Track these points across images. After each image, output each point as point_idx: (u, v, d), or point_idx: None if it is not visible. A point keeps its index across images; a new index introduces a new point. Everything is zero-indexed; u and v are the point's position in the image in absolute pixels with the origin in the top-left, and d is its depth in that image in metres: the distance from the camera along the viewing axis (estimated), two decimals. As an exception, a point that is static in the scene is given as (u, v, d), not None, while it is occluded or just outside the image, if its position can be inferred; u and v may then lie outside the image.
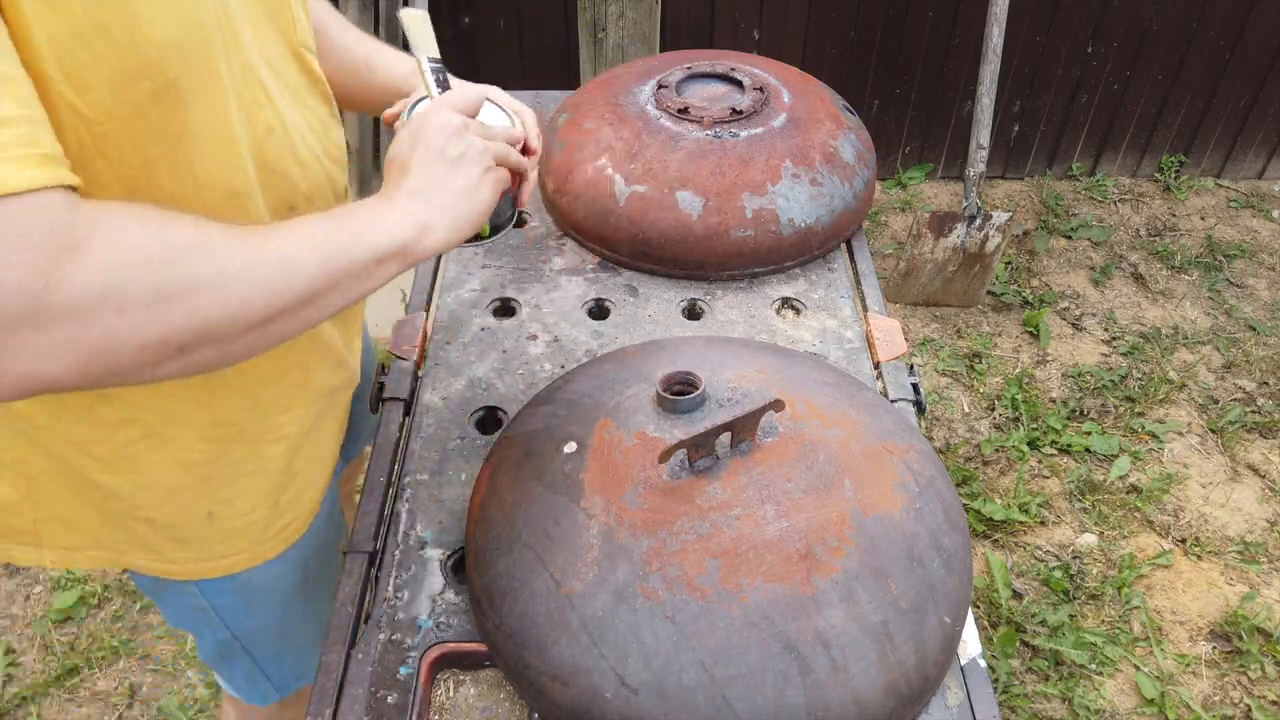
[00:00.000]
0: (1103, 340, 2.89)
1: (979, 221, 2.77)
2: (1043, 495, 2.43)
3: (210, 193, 0.80)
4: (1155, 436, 2.59)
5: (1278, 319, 2.98)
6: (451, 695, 0.92)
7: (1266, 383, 2.77)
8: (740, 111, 1.37)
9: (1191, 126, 3.41)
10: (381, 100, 1.12)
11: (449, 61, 0.99)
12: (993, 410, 2.66)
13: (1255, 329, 2.94)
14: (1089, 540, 2.34)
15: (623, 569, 0.84)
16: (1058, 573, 2.24)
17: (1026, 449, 2.54)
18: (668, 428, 0.91)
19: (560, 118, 1.47)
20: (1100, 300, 3.03)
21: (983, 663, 0.93)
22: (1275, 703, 2.04)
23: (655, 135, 1.36)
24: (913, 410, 1.18)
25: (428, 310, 1.31)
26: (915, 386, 1.21)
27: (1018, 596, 2.22)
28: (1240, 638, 2.13)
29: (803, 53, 3.17)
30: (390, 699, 0.89)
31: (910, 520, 0.89)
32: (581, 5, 2.77)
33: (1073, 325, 2.94)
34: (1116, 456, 2.52)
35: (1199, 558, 2.31)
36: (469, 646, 0.93)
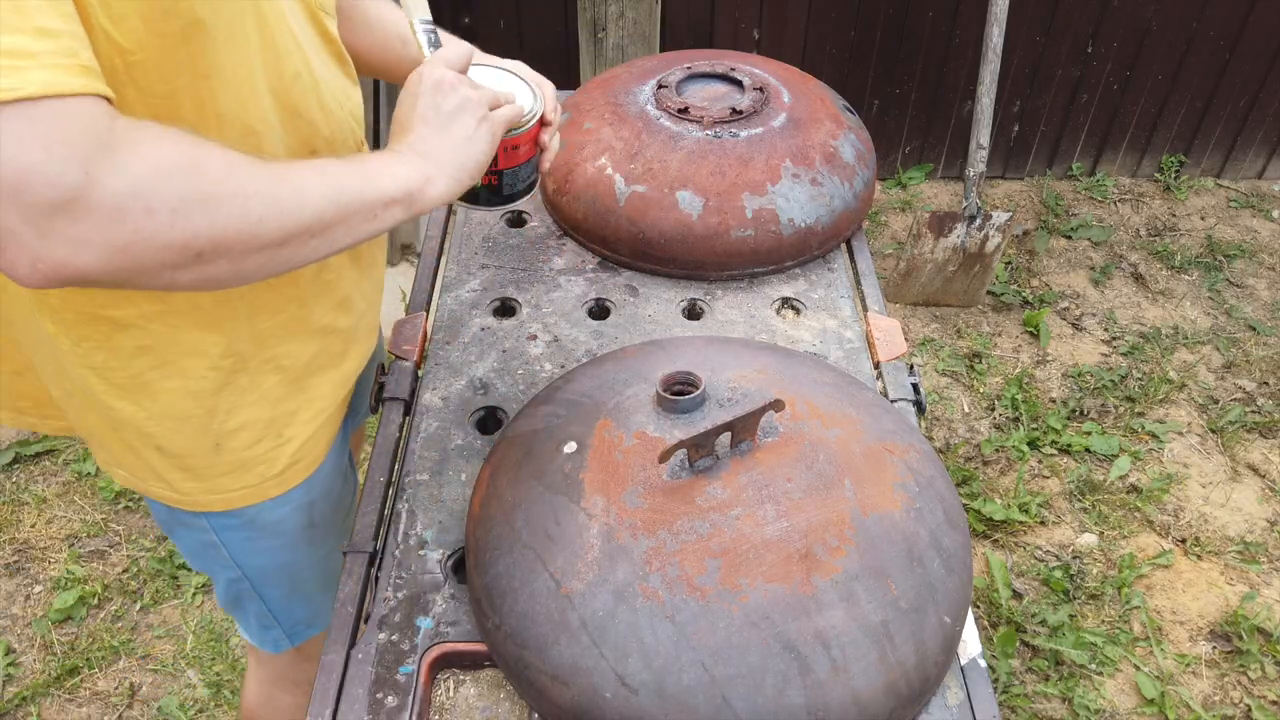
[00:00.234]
0: (1103, 340, 2.89)
1: (979, 221, 2.77)
2: (1043, 495, 2.43)
3: (229, 127, 0.87)
4: (1155, 436, 2.59)
5: (1278, 319, 2.98)
6: (451, 695, 0.92)
7: (1266, 383, 2.77)
8: (740, 111, 1.37)
9: (1191, 126, 3.41)
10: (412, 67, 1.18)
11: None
12: (993, 410, 2.67)
13: (1255, 329, 2.94)
14: (1089, 540, 2.34)
15: (623, 569, 0.84)
16: (1058, 573, 2.24)
17: (1026, 449, 2.54)
18: (668, 428, 0.91)
19: (560, 117, 1.47)
20: (1100, 300, 3.03)
21: (983, 663, 0.93)
22: (1275, 703, 2.04)
23: (655, 135, 1.36)
24: (913, 410, 1.18)
25: (428, 310, 1.31)
26: (915, 386, 1.21)
27: (1018, 596, 2.22)
28: (1240, 638, 2.13)
29: (803, 53, 3.17)
30: (390, 699, 0.89)
31: (910, 520, 0.89)
32: (581, 5, 2.77)
33: (1073, 325, 2.94)
34: (1116, 456, 2.52)
35: (1199, 558, 2.31)
36: (469, 646, 0.93)
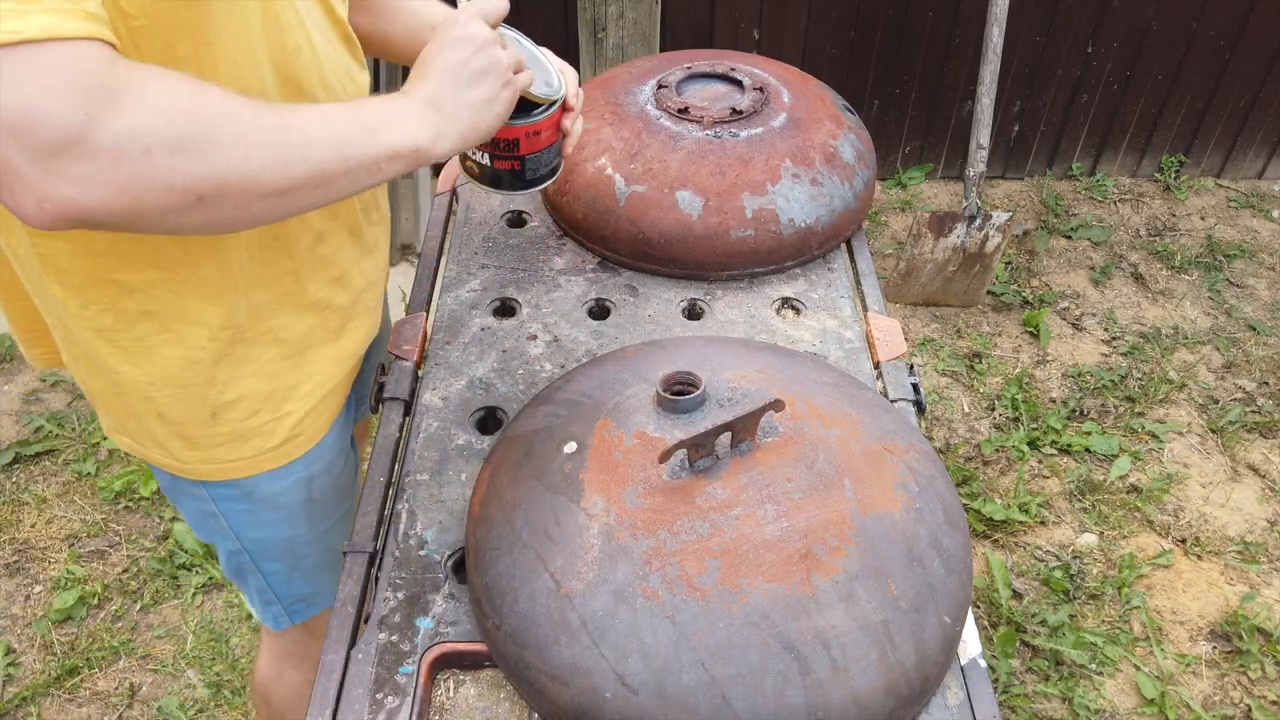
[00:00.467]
0: (1103, 340, 2.90)
1: (979, 221, 2.77)
2: (1043, 495, 2.43)
3: None
4: (1155, 436, 2.59)
5: (1278, 319, 2.98)
6: (451, 695, 0.92)
7: (1266, 383, 2.77)
8: (740, 111, 1.37)
9: (1191, 126, 3.41)
10: None
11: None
12: (993, 410, 2.67)
13: (1255, 329, 2.94)
14: (1089, 540, 2.35)
15: (623, 569, 0.84)
16: (1058, 573, 2.24)
17: (1026, 449, 2.54)
18: (668, 428, 0.91)
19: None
20: (1100, 300, 3.03)
21: (983, 663, 0.93)
22: (1275, 703, 2.04)
23: (655, 135, 1.36)
24: (913, 410, 1.18)
25: (428, 310, 1.31)
26: (915, 386, 1.21)
27: (1018, 596, 2.22)
28: (1240, 638, 2.13)
29: (803, 53, 3.17)
30: (390, 699, 0.89)
31: (910, 520, 0.89)
32: (581, 5, 2.77)
33: (1073, 325, 2.94)
34: (1116, 456, 2.52)
35: (1199, 558, 2.31)
36: (469, 646, 0.93)
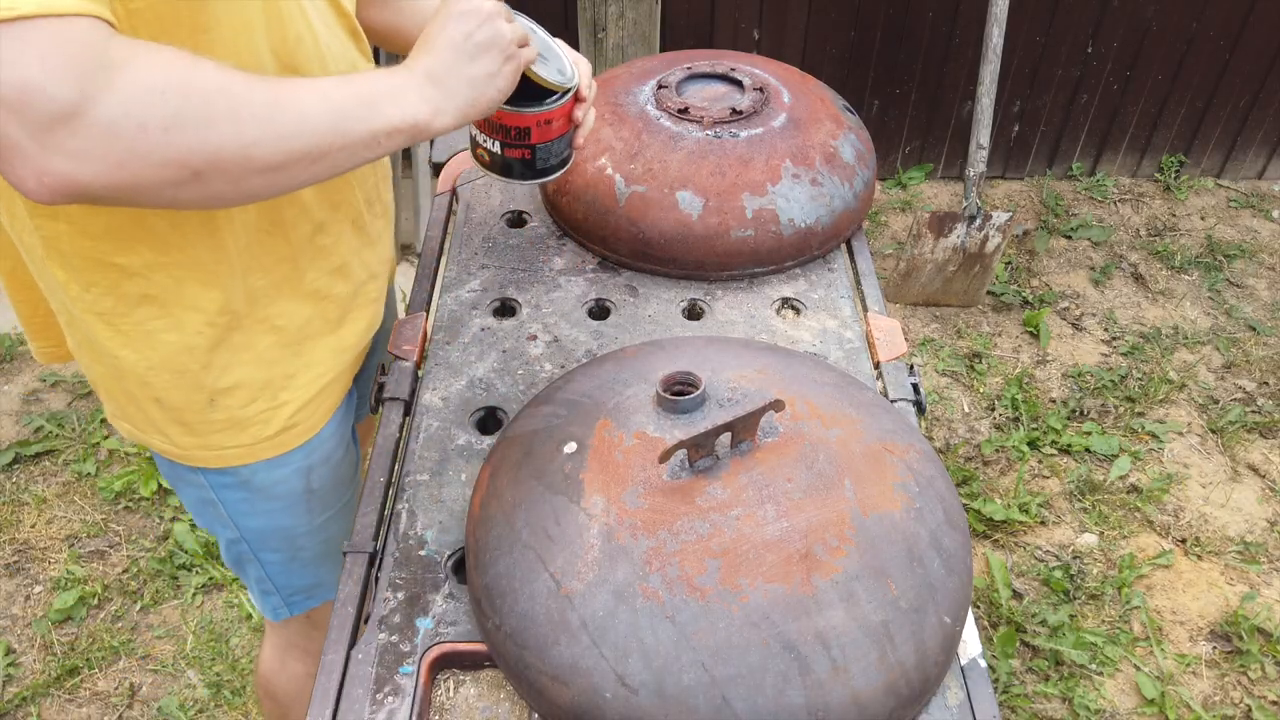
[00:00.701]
0: (1103, 340, 2.90)
1: (979, 221, 2.77)
2: (1043, 495, 2.43)
3: None
4: (1155, 436, 2.59)
5: (1278, 319, 2.98)
6: (452, 695, 0.92)
7: (1266, 383, 2.77)
8: (740, 111, 1.37)
9: (1191, 126, 3.41)
10: None
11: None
12: (993, 410, 2.67)
13: (1255, 329, 2.94)
14: (1089, 540, 2.35)
15: (623, 569, 0.84)
16: (1058, 573, 2.24)
17: (1026, 449, 2.54)
18: (668, 428, 0.91)
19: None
20: (1100, 300, 3.03)
21: (983, 663, 0.93)
22: (1276, 703, 2.04)
23: (655, 135, 1.36)
24: (913, 410, 1.18)
25: (428, 310, 1.31)
26: (915, 386, 1.21)
27: (1018, 596, 2.22)
28: (1240, 638, 2.13)
29: (803, 53, 3.17)
30: (390, 699, 0.89)
31: (910, 520, 0.89)
32: (581, 5, 2.77)
33: (1073, 325, 2.94)
34: (1116, 456, 2.52)
35: (1199, 558, 2.31)
36: (469, 646, 0.93)
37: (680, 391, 0.94)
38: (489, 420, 1.17)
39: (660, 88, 1.42)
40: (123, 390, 1.08)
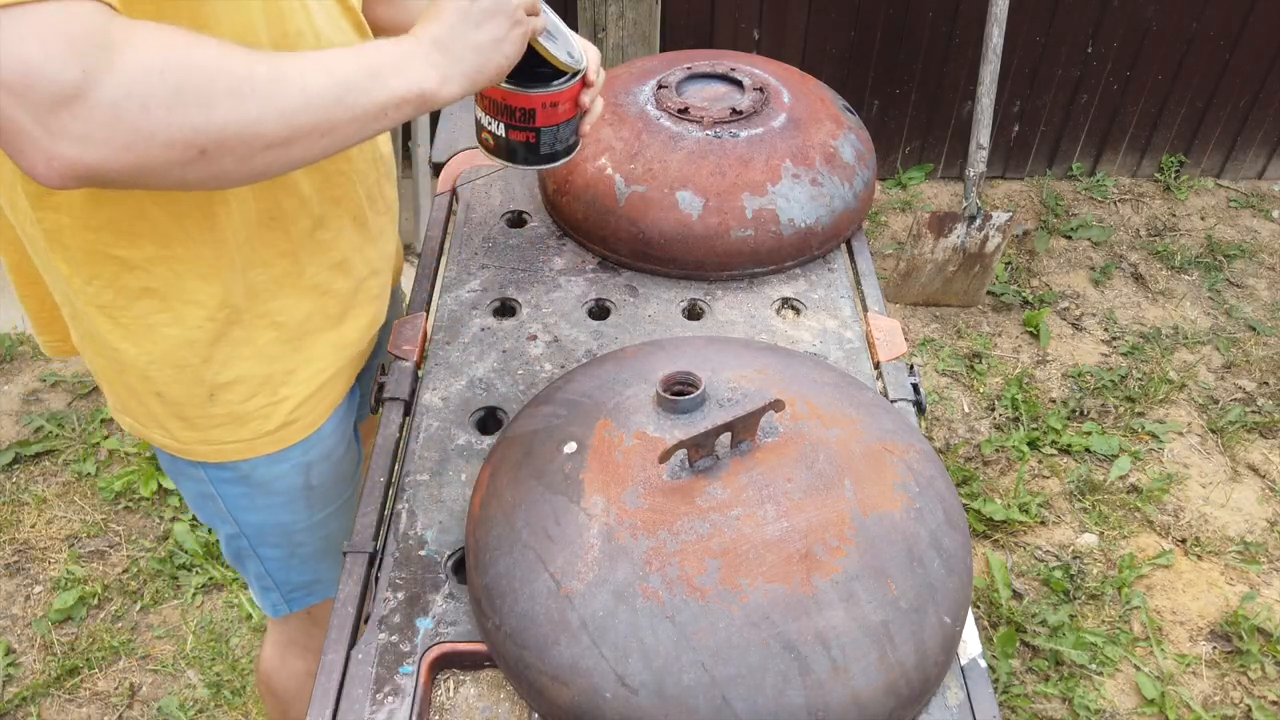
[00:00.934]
0: (1103, 340, 2.90)
1: (979, 221, 2.77)
2: (1043, 495, 2.43)
3: None
4: (1155, 436, 2.59)
5: (1278, 319, 2.98)
6: (452, 695, 0.92)
7: (1266, 383, 2.77)
8: (740, 112, 1.37)
9: (1191, 126, 3.41)
10: None
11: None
12: (993, 410, 2.67)
13: (1255, 329, 2.94)
14: (1089, 540, 2.35)
15: (623, 569, 0.84)
16: (1058, 573, 2.24)
17: (1026, 449, 2.54)
18: (668, 428, 0.91)
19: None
20: (1100, 300, 3.03)
21: (983, 663, 0.93)
22: (1275, 703, 2.04)
23: (655, 135, 1.36)
24: (913, 410, 1.18)
25: (428, 310, 1.31)
26: (915, 386, 1.20)
27: (1018, 597, 2.22)
28: (1240, 638, 2.13)
29: (803, 53, 3.17)
30: (390, 699, 0.89)
31: (910, 520, 0.89)
32: (581, 5, 2.77)
33: (1073, 325, 2.94)
34: (1116, 456, 2.52)
35: (1199, 558, 2.31)
36: (469, 646, 0.93)
37: (680, 391, 0.94)
38: (489, 420, 1.17)
39: (660, 88, 1.42)
40: (124, 384, 1.08)
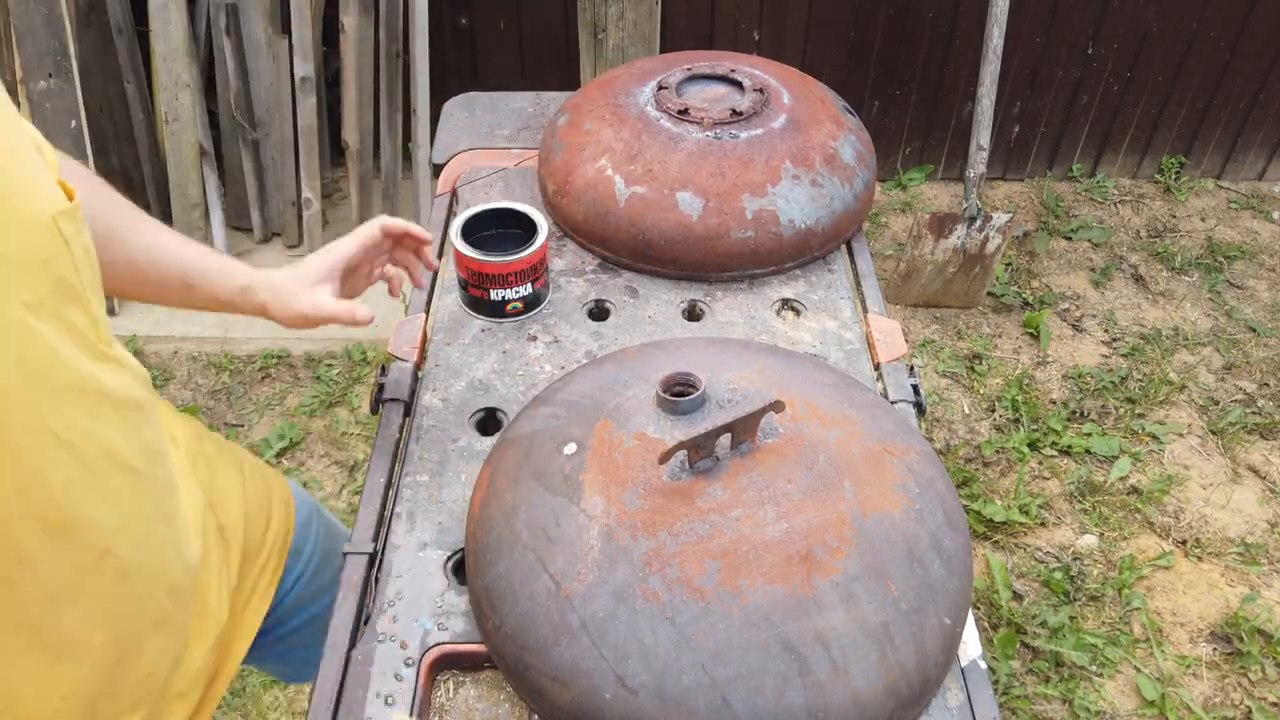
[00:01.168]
0: (1103, 341, 2.89)
1: (979, 223, 2.77)
2: (1043, 496, 2.43)
3: None
4: (1155, 438, 2.59)
5: (1278, 320, 2.98)
6: (451, 696, 0.92)
7: (1267, 384, 2.76)
8: (740, 113, 1.37)
9: (1192, 127, 3.41)
10: (208, 307, 1.02)
11: (450, 63, 0.99)
12: (993, 411, 2.66)
13: (1255, 330, 2.93)
14: (1089, 541, 2.34)
15: (623, 570, 0.84)
16: (1058, 574, 2.24)
17: (1027, 450, 2.54)
18: (668, 429, 0.91)
19: (560, 119, 1.47)
20: (1100, 301, 3.03)
21: (983, 664, 0.93)
22: (1276, 704, 2.04)
23: (655, 136, 1.36)
24: (913, 411, 1.18)
25: (427, 311, 1.31)
26: (915, 388, 1.20)
27: (1018, 598, 2.22)
28: (1241, 639, 2.13)
29: (803, 53, 3.17)
30: (390, 700, 0.89)
31: (910, 521, 0.89)
32: (581, 6, 2.77)
33: (1073, 326, 2.94)
34: (1117, 458, 2.52)
35: (1199, 559, 2.31)
36: (469, 647, 0.93)
37: (680, 392, 0.94)
38: (489, 421, 1.17)
39: (660, 89, 1.42)
40: None
